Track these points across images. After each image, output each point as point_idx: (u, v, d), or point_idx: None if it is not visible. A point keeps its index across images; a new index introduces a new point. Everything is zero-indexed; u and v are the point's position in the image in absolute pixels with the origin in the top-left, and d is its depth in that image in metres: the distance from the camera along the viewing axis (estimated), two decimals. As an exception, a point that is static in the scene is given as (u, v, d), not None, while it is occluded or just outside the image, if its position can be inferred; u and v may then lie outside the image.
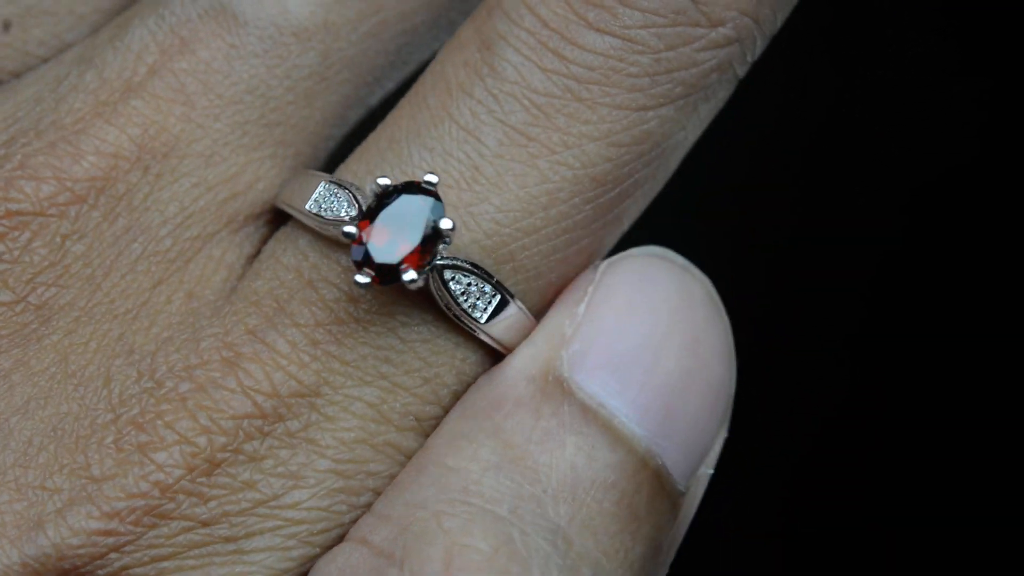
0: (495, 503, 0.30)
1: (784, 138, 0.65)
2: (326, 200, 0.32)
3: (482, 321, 0.32)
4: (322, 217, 0.32)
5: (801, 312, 0.67)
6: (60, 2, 0.35)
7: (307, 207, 0.32)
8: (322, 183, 0.32)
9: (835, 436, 0.67)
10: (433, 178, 0.31)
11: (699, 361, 0.32)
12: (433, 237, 0.31)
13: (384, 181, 0.31)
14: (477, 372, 0.32)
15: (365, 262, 0.31)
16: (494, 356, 0.33)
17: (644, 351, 0.31)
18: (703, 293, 0.32)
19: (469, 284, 0.32)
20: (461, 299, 0.32)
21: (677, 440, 0.32)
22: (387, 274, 0.31)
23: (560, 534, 0.30)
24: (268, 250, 0.33)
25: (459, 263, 0.32)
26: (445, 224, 0.31)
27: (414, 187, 0.31)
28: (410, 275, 0.31)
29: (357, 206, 0.32)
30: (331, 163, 0.35)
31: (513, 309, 0.32)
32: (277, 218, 0.34)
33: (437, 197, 0.31)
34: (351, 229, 0.31)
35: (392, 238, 0.31)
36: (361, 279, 0.31)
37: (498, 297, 0.32)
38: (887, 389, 0.67)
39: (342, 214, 0.32)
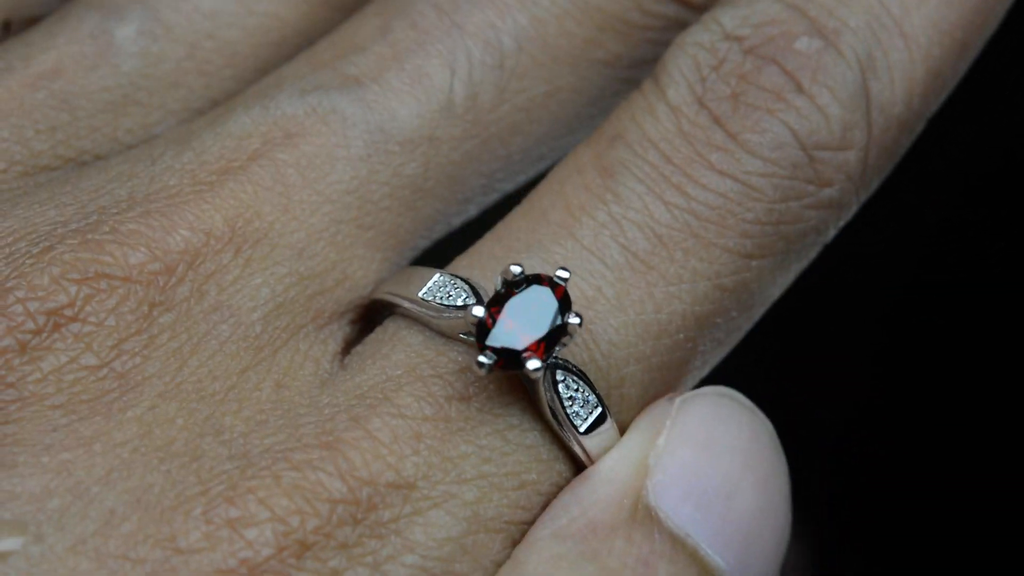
0: None
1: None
2: (442, 290, 0.32)
3: (581, 431, 0.32)
4: (441, 304, 0.32)
5: (824, 317, 0.66)
6: (153, 94, 0.35)
7: (420, 295, 0.32)
8: (437, 274, 0.33)
9: (857, 440, 0.66)
10: (565, 274, 0.31)
11: (769, 500, 0.33)
12: (558, 331, 0.31)
13: (516, 269, 0.31)
14: (563, 485, 0.33)
15: (490, 346, 0.31)
16: (579, 470, 0.33)
17: (723, 487, 0.32)
18: (768, 435, 0.33)
19: (577, 390, 0.32)
20: (567, 404, 0.32)
21: (751, 574, 0.33)
22: (511, 359, 0.31)
23: None
24: (371, 346, 0.33)
25: (570, 366, 0.32)
26: (573, 320, 0.31)
27: (544, 280, 0.32)
28: (534, 363, 0.31)
29: (476, 296, 0.32)
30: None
31: (608, 426, 0.32)
32: (361, 318, 0.34)
33: (566, 293, 0.32)
34: (479, 311, 0.31)
35: (519, 325, 0.31)
36: (484, 360, 0.31)
37: (599, 410, 0.32)
38: (910, 395, 0.66)
39: (459, 303, 0.32)
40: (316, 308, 0.33)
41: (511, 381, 0.32)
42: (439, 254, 0.35)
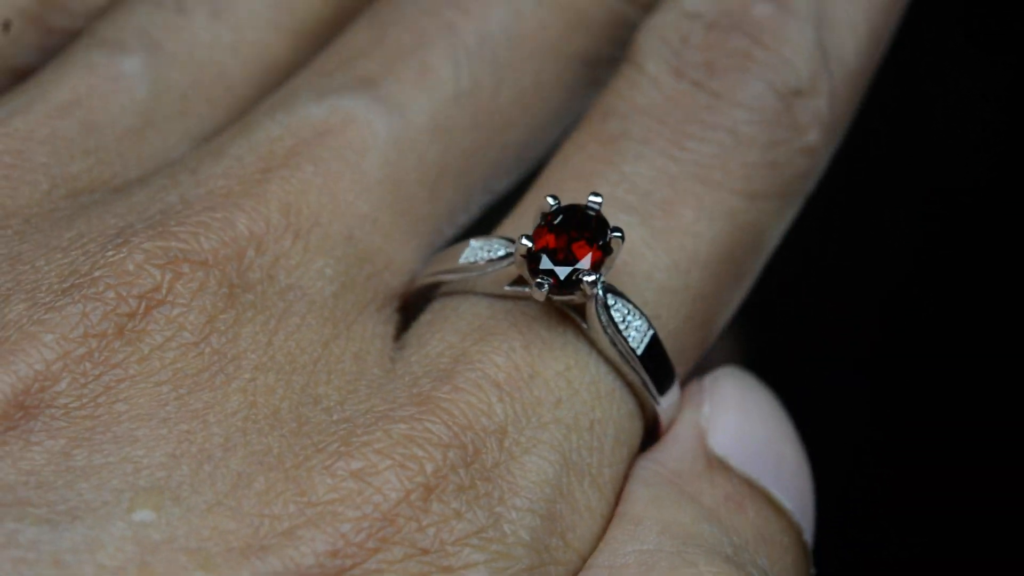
0: (719, 545, 0.33)
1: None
2: (481, 250, 0.34)
3: (638, 353, 0.34)
4: (485, 261, 0.34)
5: (818, 320, 0.66)
6: (168, 120, 0.37)
7: (462, 262, 0.34)
8: (472, 240, 0.35)
9: (855, 446, 0.67)
10: (598, 199, 0.33)
11: (804, 459, 0.36)
12: (603, 249, 0.33)
13: (552, 200, 0.33)
14: (624, 419, 0.34)
15: (543, 270, 0.33)
16: (638, 400, 0.35)
17: (771, 444, 0.36)
18: (780, 405, 0.37)
19: (628, 313, 0.34)
20: (621, 327, 0.34)
21: (807, 522, 0.36)
22: (566, 279, 0.33)
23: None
24: (424, 325, 0.35)
25: (617, 290, 0.34)
26: (616, 233, 0.33)
27: (579, 208, 0.33)
28: (590, 276, 0.33)
29: (514, 244, 0.34)
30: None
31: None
32: (404, 307, 0.36)
33: (602, 215, 0.33)
34: (526, 241, 0.33)
35: (567, 245, 0.33)
36: (541, 282, 0.33)
37: (652, 332, 0.34)
38: (906, 399, 0.66)
39: (501, 253, 0.34)
40: (373, 288, 0.35)
41: (564, 321, 0.34)
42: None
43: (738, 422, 0.36)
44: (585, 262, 0.33)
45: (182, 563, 0.29)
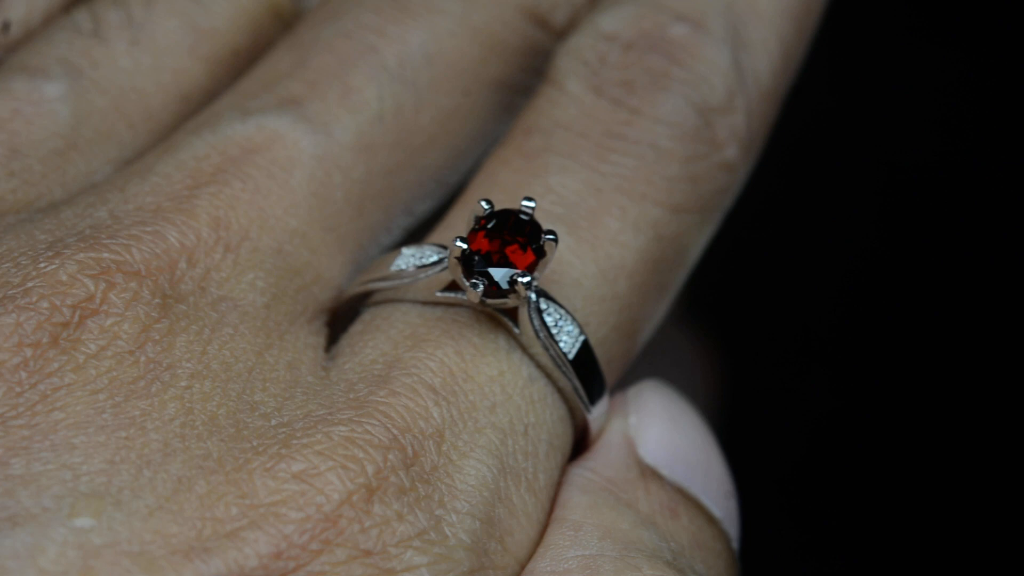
0: (659, 551, 0.34)
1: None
2: (412, 257, 0.35)
3: (570, 357, 0.34)
4: (417, 267, 0.34)
5: (781, 313, 0.67)
6: (91, 143, 0.37)
7: (393, 269, 0.35)
8: (403, 248, 0.35)
9: (819, 438, 0.67)
10: (531, 203, 0.34)
11: (724, 466, 0.37)
12: (536, 253, 0.34)
13: (485, 204, 0.34)
14: (556, 424, 0.35)
15: (478, 272, 0.33)
16: (568, 405, 0.35)
17: (698, 454, 0.36)
18: (701, 416, 0.38)
19: (560, 318, 0.34)
20: (553, 331, 0.34)
21: (734, 530, 0.37)
22: (501, 283, 0.33)
23: None
24: (356, 335, 0.35)
25: (549, 295, 0.34)
26: (549, 236, 0.33)
27: (512, 212, 0.34)
28: (524, 278, 0.33)
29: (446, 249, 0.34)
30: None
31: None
32: (332, 320, 0.36)
33: (535, 220, 0.34)
34: (461, 243, 0.33)
35: (501, 248, 0.34)
36: (476, 283, 0.33)
37: (582, 338, 0.34)
38: (868, 390, 0.67)
39: (433, 259, 0.34)
40: (303, 301, 0.35)
41: (496, 327, 0.35)
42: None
43: (665, 433, 0.36)
44: (519, 265, 0.33)
45: (125, 566, 0.29)
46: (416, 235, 0.38)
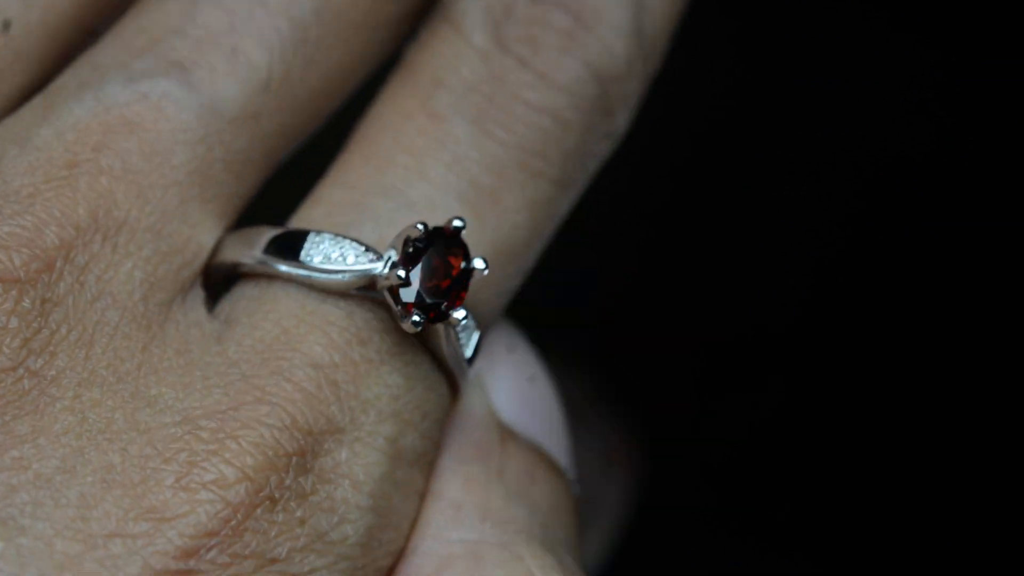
0: (532, 528, 0.34)
1: (726, 127, 0.65)
2: (328, 248, 0.34)
3: (468, 356, 0.35)
4: (332, 269, 0.34)
5: (741, 307, 0.66)
6: None
7: (314, 261, 0.34)
8: (311, 233, 0.34)
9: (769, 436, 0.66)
10: (460, 223, 0.33)
11: (558, 402, 0.38)
12: (467, 276, 0.34)
13: (421, 227, 0.33)
14: (447, 408, 0.36)
15: (416, 303, 0.33)
16: (454, 389, 0.36)
17: (543, 414, 0.37)
18: (534, 353, 0.38)
19: (466, 323, 0.35)
20: (462, 335, 0.35)
21: (573, 474, 0.37)
22: (438, 313, 0.33)
23: (570, 545, 0.36)
24: (251, 301, 0.34)
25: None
26: (478, 264, 0.33)
27: (446, 231, 0.33)
28: (459, 313, 0.33)
29: (376, 255, 0.34)
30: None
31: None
32: (211, 280, 0.35)
33: (466, 244, 0.34)
34: (402, 274, 0.33)
35: (432, 279, 0.33)
36: (417, 319, 0.33)
37: (477, 333, 0.35)
38: (824, 387, 0.66)
39: (350, 261, 0.34)
40: (182, 280, 0.34)
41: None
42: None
43: (515, 395, 0.37)
44: (450, 293, 0.33)
45: None
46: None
